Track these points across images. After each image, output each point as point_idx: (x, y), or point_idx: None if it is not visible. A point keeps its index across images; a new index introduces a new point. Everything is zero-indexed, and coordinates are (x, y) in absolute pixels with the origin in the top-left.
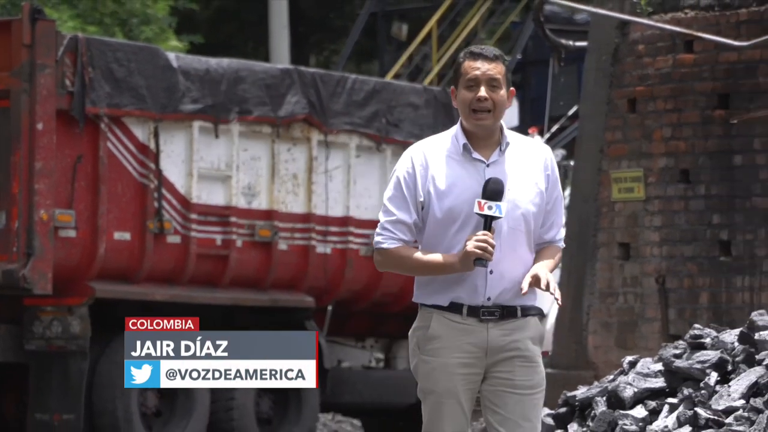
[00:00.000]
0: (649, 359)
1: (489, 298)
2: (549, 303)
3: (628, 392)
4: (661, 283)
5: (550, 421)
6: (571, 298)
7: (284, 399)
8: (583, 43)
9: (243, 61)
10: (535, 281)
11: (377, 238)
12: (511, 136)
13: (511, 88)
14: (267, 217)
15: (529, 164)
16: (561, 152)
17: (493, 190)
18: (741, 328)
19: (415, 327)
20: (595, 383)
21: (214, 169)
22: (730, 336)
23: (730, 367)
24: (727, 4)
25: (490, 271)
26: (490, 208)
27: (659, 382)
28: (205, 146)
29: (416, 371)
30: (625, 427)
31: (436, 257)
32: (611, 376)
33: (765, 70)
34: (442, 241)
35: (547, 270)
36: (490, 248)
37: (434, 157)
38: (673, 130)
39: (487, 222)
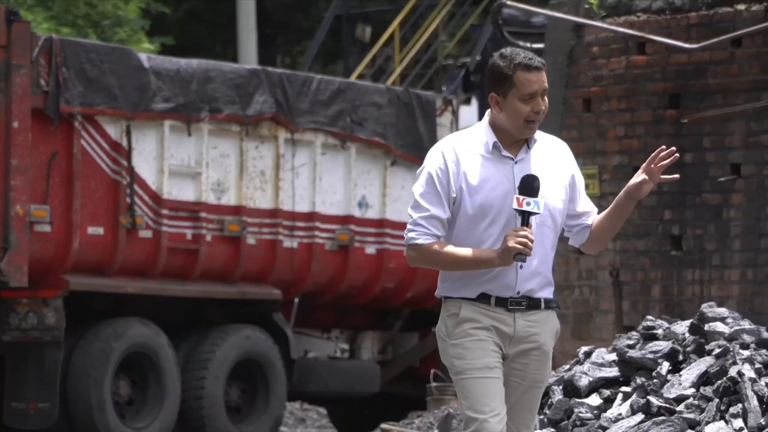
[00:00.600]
0: (603, 350)
1: (518, 292)
2: None
3: (583, 381)
4: (615, 276)
5: None
6: None
7: (253, 388)
8: (540, 45)
9: (212, 62)
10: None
11: (410, 234)
12: (537, 135)
13: None
14: (236, 213)
15: (553, 161)
16: None
17: (530, 187)
18: (691, 320)
19: (441, 320)
20: (552, 373)
21: (185, 166)
22: (681, 327)
23: (681, 357)
24: (677, 8)
25: (520, 266)
26: (528, 204)
27: (613, 372)
28: (175, 144)
29: (449, 359)
30: (580, 414)
31: (473, 252)
32: (567, 366)
33: (714, 72)
34: (472, 236)
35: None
36: (530, 244)
37: (464, 154)
38: (627, 129)
39: (525, 218)
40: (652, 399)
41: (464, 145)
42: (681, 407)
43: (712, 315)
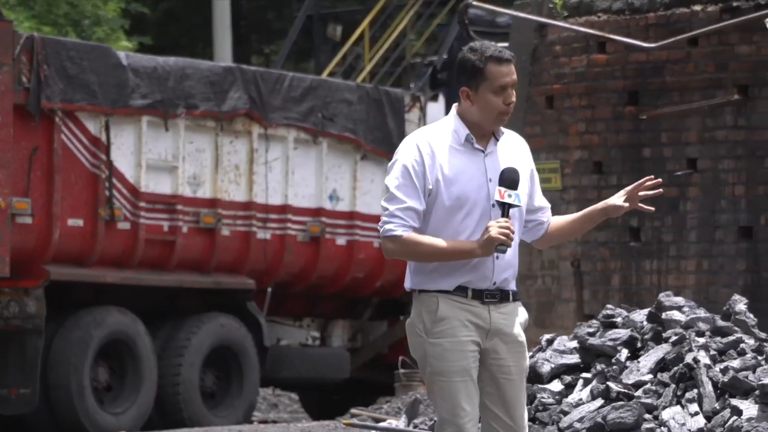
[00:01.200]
0: (565, 337)
1: (494, 283)
2: None
3: (545, 368)
4: (576, 266)
5: None
6: None
7: (227, 374)
8: (505, 44)
9: (189, 60)
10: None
11: (388, 226)
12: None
13: None
14: (211, 205)
15: (517, 155)
16: None
17: (510, 179)
18: (649, 309)
19: (416, 314)
20: None
21: (162, 160)
22: (640, 315)
23: (639, 344)
24: (636, 9)
25: (497, 257)
26: (509, 196)
27: (574, 359)
28: (153, 139)
29: (424, 357)
30: (542, 399)
31: (454, 243)
32: (530, 353)
33: (671, 70)
34: (449, 228)
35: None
36: (511, 234)
37: (439, 147)
38: (588, 125)
39: (506, 210)
40: (611, 384)
41: (437, 137)
42: (639, 392)
43: (669, 304)
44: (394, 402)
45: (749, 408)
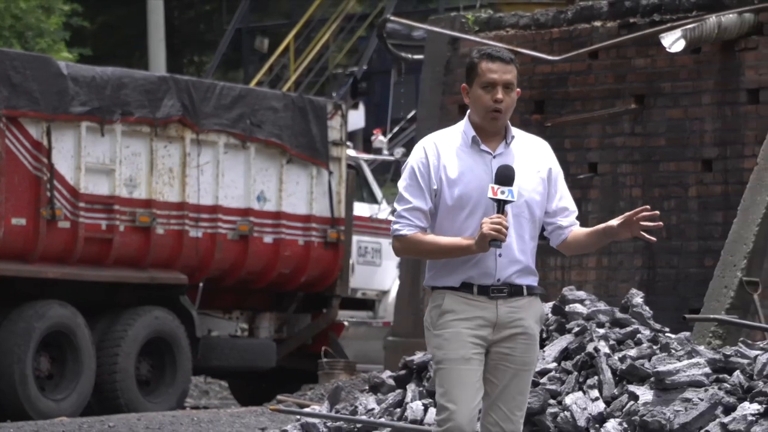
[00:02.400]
0: None
1: (499, 279)
2: (391, 279)
3: None
4: None
5: (391, 382)
6: (410, 275)
7: (161, 364)
8: (420, 56)
9: (125, 70)
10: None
11: (395, 226)
12: (516, 132)
13: (518, 89)
14: (146, 206)
15: (532, 157)
16: (401, 150)
17: (505, 176)
18: (554, 302)
19: (427, 309)
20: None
21: (100, 163)
22: (545, 308)
23: (544, 335)
24: (542, 24)
25: (499, 254)
26: (503, 192)
27: None
28: (91, 143)
29: (430, 348)
30: None
31: (453, 240)
32: None
33: (574, 81)
34: (453, 226)
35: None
36: (504, 230)
37: (445, 148)
38: None
39: (500, 206)
40: None
41: (445, 140)
42: (544, 379)
43: (572, 297)
44: (318, 389)
45: (645, 393)
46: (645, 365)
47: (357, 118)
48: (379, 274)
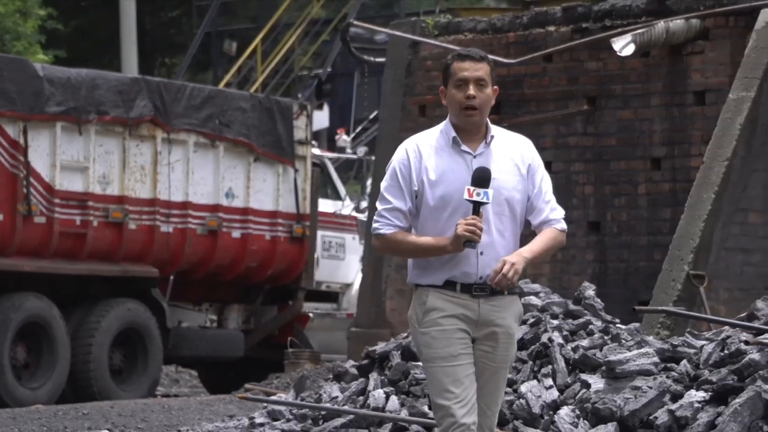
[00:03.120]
0: None
1: (480, 277)
2: (354, 273)
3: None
4: None
5: (354, 371)
6: (372, 269)
7: (133, 353)
8: (382, 59)
9: (99, 71)
10: (498, 269)
11: (375, 225)
12: (496, 131)
13: (495, 87)
14: (119, 202)
15: (512, 155)
16: (364, 149)
17: (481, 178)
18: None
19: (412, 307)
20: (392, 340)
21: (75, 161)
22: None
23: None
24: (498, 29)
25: (480, 252)
26: (478, 194)
27: None
28: (66, 142)
29: (417, 345)
30: (416, 375)
31: (430, 240)
32: (405, 334)
33: (529, 83)
34: (435, 226)
35: (519, 256)
36: (478, 231)
37: (426, 149)
38: None
39: (476, 207)
40: None
41: (427, 141)
42: None
43: (528, 290)
44: (284, 378)
45: (597, 382)
46: (597, 355)
47: (322, 118)
48: (343, 267)
